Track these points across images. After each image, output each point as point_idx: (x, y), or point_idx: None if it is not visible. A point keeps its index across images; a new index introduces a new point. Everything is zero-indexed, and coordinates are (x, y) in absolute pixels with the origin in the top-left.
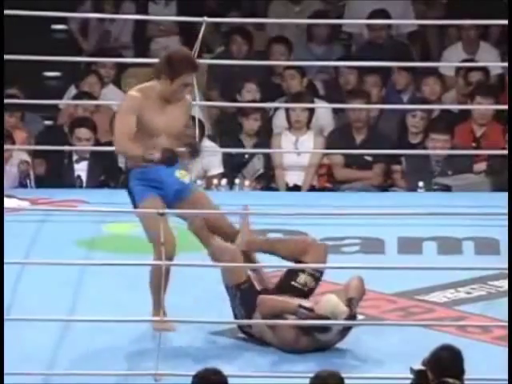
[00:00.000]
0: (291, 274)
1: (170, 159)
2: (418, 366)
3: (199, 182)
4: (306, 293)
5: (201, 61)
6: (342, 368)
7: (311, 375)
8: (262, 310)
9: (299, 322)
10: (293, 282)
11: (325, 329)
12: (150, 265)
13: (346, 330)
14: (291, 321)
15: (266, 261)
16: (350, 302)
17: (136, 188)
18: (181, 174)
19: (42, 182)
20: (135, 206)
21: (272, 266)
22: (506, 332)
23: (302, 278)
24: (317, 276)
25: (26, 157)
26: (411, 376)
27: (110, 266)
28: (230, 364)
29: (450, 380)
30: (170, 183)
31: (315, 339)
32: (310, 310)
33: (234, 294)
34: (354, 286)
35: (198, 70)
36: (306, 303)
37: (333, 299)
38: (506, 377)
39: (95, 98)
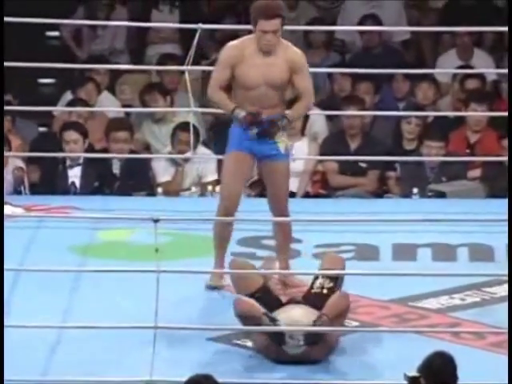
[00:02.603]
0: (312, 284)
1: (251, 123)
2: (412, 373)
3: (194, 188)
4: (325, 295)
5: (195, 67)
6: (335, 374)
7: (307, 382)
8: (236, 311)
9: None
10: (312, 290)
11: (282, 341)
12: (144, 272)
13: (309, 345)
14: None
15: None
16: (319, 318)
17: (234, 135)
18: (279, 138)
19: (36, 189)
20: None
21: (275, 272)
22: (499, 338)
23: (317, 283)
24: (332, 276)
25: (20, 163)
26: (405, 382)
27: (104, 272)
28: (225, 370)
29: None
30: (261, 143)
31: (283, 351)
32: (273, 319)
33: None
34: (331, 302)
35: (274, 17)
36: (278, 313)
37: (296, 311)
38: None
39: (90, 105)
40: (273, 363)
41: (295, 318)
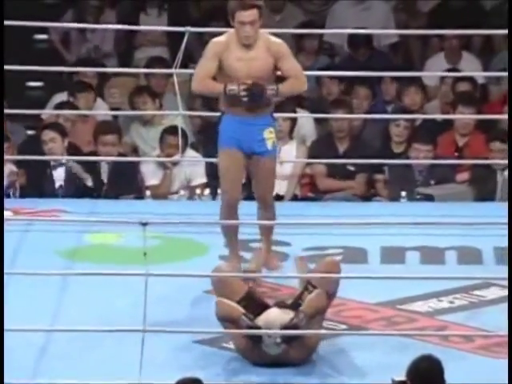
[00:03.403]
0: (301, 293)
1: (244, 90)
2: (400, 377)
3: (182, 191)
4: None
5: (183, 70)
6: (323, 378)
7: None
8: (218, 313)
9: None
10: (300, 301)
11: (258, 338)
12: (132, 275)
13: (287, 342)
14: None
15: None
16: (296, 315)
17: (222, 133)
18: (268, 135)
19: (23, 192)
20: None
21: (264, 275)
22: (488, 342)
23: (306, 297)
24: (310, 289)
25: (12, 167)
26: None
27: (92, 275)
28: (212, 373)
29: None
30: (250, 141)
31: (263, 352)
32: (251, 319)
33: None
34: (308, 300)
35: (251, 8)
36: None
37: (273, 311)
38: None
39: (78, 108)
40: (259, 366)
41: (271, 318)
